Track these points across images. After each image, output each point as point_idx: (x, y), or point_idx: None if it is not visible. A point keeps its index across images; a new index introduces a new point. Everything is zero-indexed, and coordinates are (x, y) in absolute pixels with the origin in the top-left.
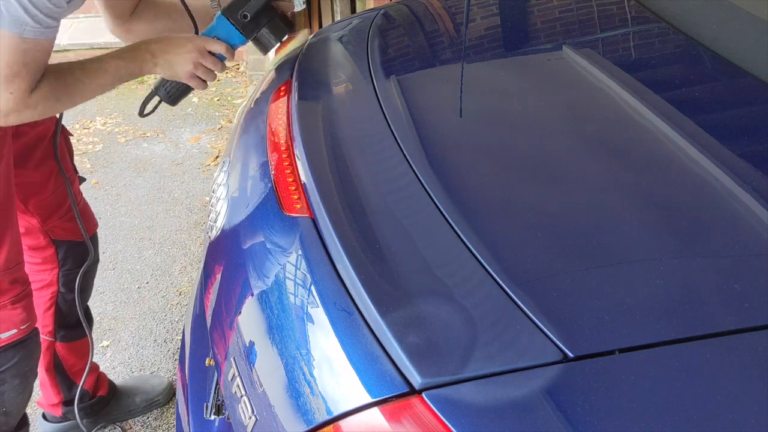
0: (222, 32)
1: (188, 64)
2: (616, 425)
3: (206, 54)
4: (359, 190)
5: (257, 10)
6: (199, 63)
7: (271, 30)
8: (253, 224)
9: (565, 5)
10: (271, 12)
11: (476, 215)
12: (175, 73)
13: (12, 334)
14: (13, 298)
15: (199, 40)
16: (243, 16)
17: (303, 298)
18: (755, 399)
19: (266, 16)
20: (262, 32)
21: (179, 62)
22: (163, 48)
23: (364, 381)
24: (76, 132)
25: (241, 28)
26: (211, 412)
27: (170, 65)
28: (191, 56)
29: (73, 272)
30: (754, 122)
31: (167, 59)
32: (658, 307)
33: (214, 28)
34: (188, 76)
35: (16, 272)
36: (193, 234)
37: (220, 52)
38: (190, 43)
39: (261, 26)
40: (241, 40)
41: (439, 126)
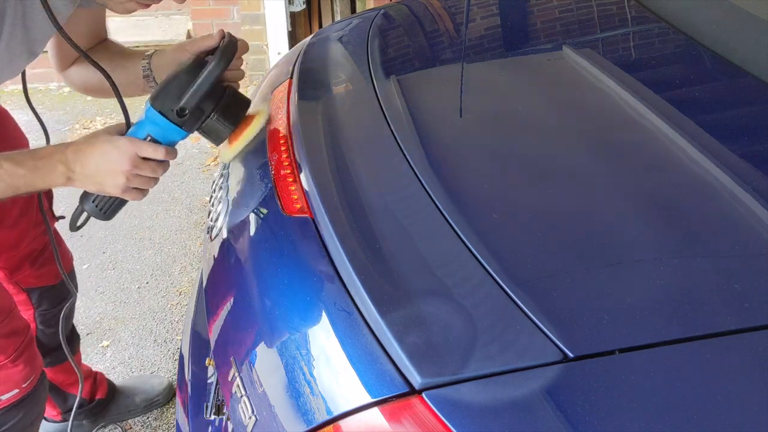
0: (155, 129)
1: (118, 178)
2: (616, 425)
3: (139, 162)
4: (359, 190)
5: (198, 100)
6: (134, 174)
7: (222, 115)
8: (253, 224)
9: (565, 5)
10: (218, 91)
11: (476, 215)
12: (101, 190)
13: (13, 394)
14: (13, 354)
15: (128, 144)
16: (180, 111)
17: (303, 298)
18: (755, 399)
19: (212, 100)
20: (210, 121)
21: (105, 177)
22: (81, 158)
23: (364, 381)
24: (76, 132)
25: (180, 123)
26: (211, 412)
27: (92, 181)
28: (121, 168)
29: (49, 312)
30: (754, 122)
31: (86, 174)
32: (658, 307)
33: (143, 124)
34: (122, 191)
35: (11, 323)
36: (193, 234)
37: (158, 157)
38: (115, 150)
39: (208, 113)
40: (181, 135)
41: (439, 126)
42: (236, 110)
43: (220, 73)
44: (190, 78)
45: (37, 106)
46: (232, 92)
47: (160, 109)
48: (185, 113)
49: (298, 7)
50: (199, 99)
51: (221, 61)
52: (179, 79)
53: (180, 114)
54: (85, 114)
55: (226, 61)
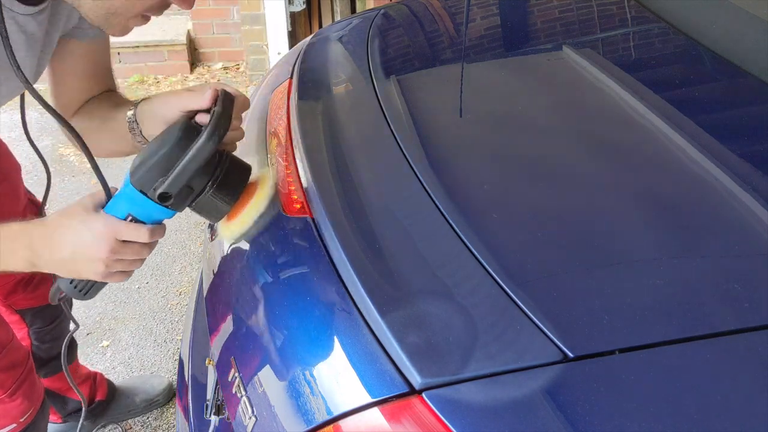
0: (137, 208)
1: (96, 265)
2: (616, 425)
3: (120, 246)
4: (359, 190)
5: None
6: (114, 260)
7: (220, 189)
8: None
9: (565, 5)
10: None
11: (476, 215)
12: (77, 276)
13: (11, 428)
14: (11, 389)
15: (106, 227)
16: (163, 196)
17: (303, 299)
18: (755, 399)
19: (204, 175)
20: (205, 196)
21: (80, 264)
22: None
23: (364, 381)
24: None
25: (165, 205)
26: (211, 412)
27: (65, 268)
28: (98, 255)
29: (43, 329)
30: (754, 122)
31: (56, 260)
32: (658, 307)
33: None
34: (102, 277)
35: (8, 356)
36: (193, 234)
37: (141, 240)
38: (90, 235)
39: (200, 190)
40: (168, 214)
41: (439, 126)
42: (235, 181)
43: (211, 151)
44: (176, 152)
45: (35, 110)
46: (229, 161)
47: (140, 188)
48: (170, 198)
49: (298, 7)
50: (187, 179)
51: (213, 136)
52: (163, 152)
53: (163, 198)
54: None
55: (220, 135)
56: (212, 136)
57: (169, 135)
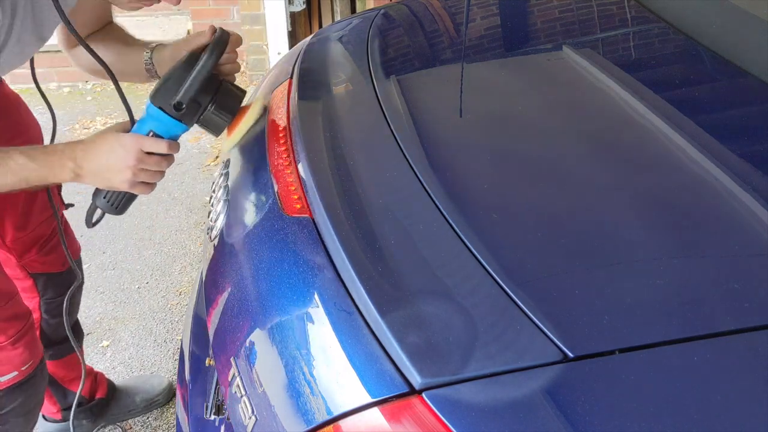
0: (157, 125)
1: (125, 173)
2: (616, 425)
3: (144, 156)
4: (359, 190)
5: (194, 93)
6: (140, 169)
7: (220, 107)
8: (253, 224)
9: (565, 5)
10: (212, 84)
11: (476, 215)
12: (109, 185)
13: (13, 376)
14: (13, 337)
15: (133, 140)
16: (177, 105)
17: (303, 298)
18: (755, 399)
19: (208, 91)
20: (208, 113)
21: (112, 173)
22: (89, 155)
23: (364, 381)
24: (76, 132)
25: (179, 117)
26: (211, 412)
27: (101, 177)
28: (126, 164)
29: (54, 300)
30: (754, 122)
31: (94, 171)
32: (658, 307)
33: (145, 121)
34: (129, 186)
35: (13, 307)
36: (193, 234)
37: (161, 151)
38: (121, 147)
39: (205, 106)
40: (182, 128)
41: (439, 126)
42: (232, 102)
43: (212, 66)
44: (185, 73)
45: (37, 105)
46: (227, 85)
47: (159, 105)
48: (182, 107)
49: (298, 7)
50: (195, 92)
51: (212, 54)
52: (175, 75)
53: (178, 108)
54: (85, 114)
55: (218, 54)
56: (212, 54)
57: (178, 62)
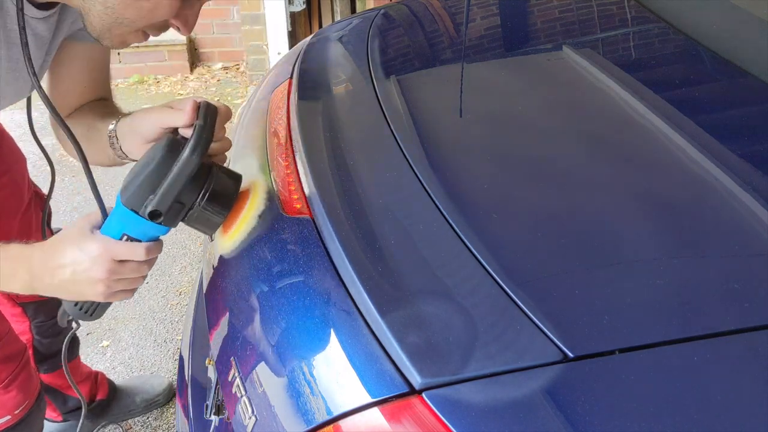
0: (131, 228)
1: (96, 287)
2: (616, 425)
3: (117, 266)
4: (359, 190)
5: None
6: (113, 281)
7: (212, 202)
8: (253, 224)
9: (565, 5)
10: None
11: (476, 215)
12: (80, 298)
13: (5, 421)
14: (5, 381)
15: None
16: (153, 213)
17: (303, 298)
18: (755, 399)
19: (194, 189)
20: (196, 210)
21: (80, 287)
22: (49, 267)
23: (364, 381)
24: None
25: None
26: (211, 412)
27: (65, 291)
28: (97, 277)
29: (45, 323)
30: (754, 122)
31: (56, 285)
32: (658, 307)
33: (117, 221)
34: (104, 298)
35: (4, 348)
36: (193, 234)
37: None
38: (88, 259)
39: (190, 205)
40: (162, 231)
41: (439, 126)
42: (226, 193)
43: (196, 165)
44: (162, 170)
45: (35, 109)
46: (219, 171)
47: (131, 207)
48: (160, 215)
49: (298, 7)
50: (175, 196)
51: (197, 150)
52: (148, 170)
53: (154, 216)
54: None
55: (203, 147)
56: (195, 150)
57: (155, 152)
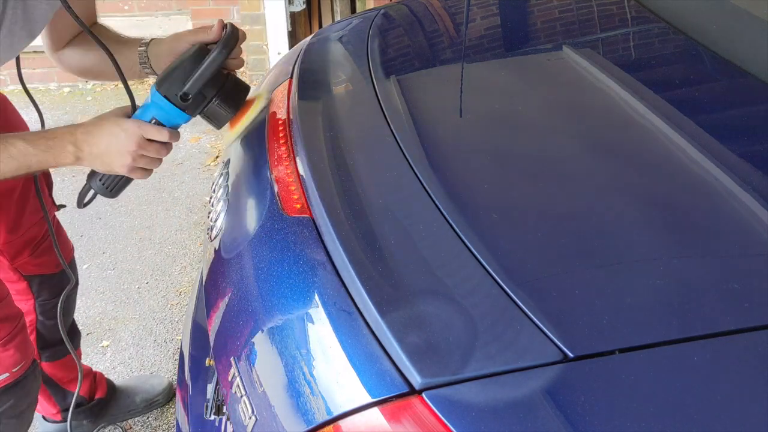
0: (160, 113)
1: (125, 158)
2: (616, 425)
3: (145, 143)
4: (359, 190)
5: (201, 85)
6: (139, 155)
7: (223, 101)
8: (253, 224)
9: (565, 5)
10: (219, 78)
11: (476, 215)
12: (108, 169)
13: (3, 378)
14: (3, 339)
15: (134, 126)
16: (184, 95)
17: (303, 298)
18: (755, 399)
19: (214, 86)
20: (212, 106)
21: (112, 157)
22: (90, 139)
23: (364, 381)
24: None
25: (183, 107)
26: (211, 412)
27: (100, 161)
28: (127, 149)
29: (49, 302)
30: (754, 122)
31: (95, 154)
32: (658, 307)
33: (149, 108)
34: (128, 170)
35: (3, 309)
36: (193, 234)
37: (162, 139)
38: (123, 132)
39: (209, 99)
40: (185, 118)
41: (439, 126)
42: (237, 96)
43: (222, 62)
44: (194, 65)
45: (28, 105)
46: (233, 79)
47: (165, 93)
48: (188, 98)
49: (298, 7)
50: (202, 85)
51: (224, 50)
52: (183, 65)
53: (183, 99)
54: (85, 114)
55: (229, 50)
56: (223, 50)
57: (187, 53)
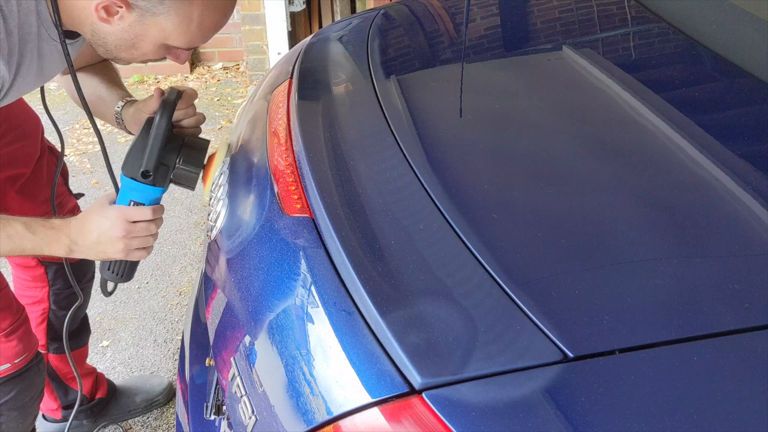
0: (134, 193)
1: (116, 244)
2: (616, 425)
3: (131, 226)
4: (359, 190)
5: (156, 157)
6: (130, 238)
7: (187, 162)
8: (253, 224)
9: (565, 5)
10: (175, 143)
11: (476, 215)
12: (105, 257)
13: (5, 368)
14: (6, 330)
15: (116, 213)
16: (145, 173)
17: (303, 298)
18: (755, 399)
19: (172, 151)
20: (178, 170)
21: (104, 246)
22: (82, 232)
23: (364, 381)
24: (76, 132)
25: (152, 183)
26: (211, 412)
27: (94, 251)
28: (116, 236)
29: (63, 291)
30: (754, 122)
31: (87, 245)
32: (658, 307)
33: (124, 192)
34: (124, 255)
35: (4, 299)
36: (193, 234)
37: (145, 218)
38: (107, 221)
39: (173, 165)
40: (159, 191)
41: (439, 126)
42: (198, 154)
43: (165, 129)
44: (144, 141)
45: (37, 105)
46: (190, 140)
47: (130, 175)
48: (150, 174)
49: (298, 7)
50: (157, 157)
51: (162, 117)
52: (136, 145)
53: (146, 176)
54: (84, 114)
55: (167, 115)
56: (162, 117)
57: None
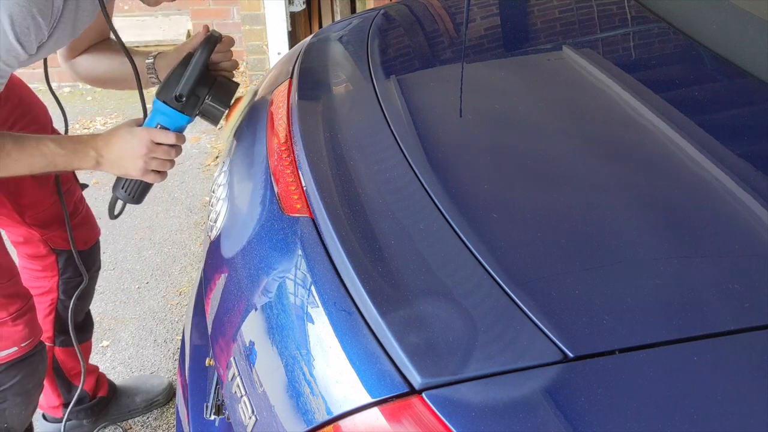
0: (163, 118)
1: (138, 161)
2: (616, 425)
3: (154, 146)
4: (359, 190)
5: (191, 86)
6: (150, 158)
7: (216, 98)
8: (253, 224)
9: (565, 5)
10: (208, 79)
11: (476, 215)
12: (125, 173)
13: (12, 351)
14: (14, 314)
15: (143, 132)
16: (178, 97)
17: (303, 298)
18: (755, 399)
19: (204, 85)
20: (206, 104)
21: (127, 161)
22: (109, 146)
23: (364, 381)
24: (76, 132)
25: (181, 109)
26: (211, 412)
27: (117, 165)
28: (139, 153)
29: (72, 280)
30: (754, 122)
31: (112, 159)
32: (658, 307)
33: (153, 115)
34: (142, 174)
35: (14, 285)
36: (193, 234)
37: (168, 142)
38: (134, 138)
39: (203, 98)
40: (185, 119)
41: (439, 126)
42: (226, 93)
43: (204, 61)
44: (183, 69)
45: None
46: (222, 79)
47: (163, 99)
48: (183, 98)
49: (298, 7)
50: (192, 85)
51: (203, 51)
52: (174, 72)
53: (178, 99)
54: (84, 114)
55: (208, 51)
56: (203, 51)
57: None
